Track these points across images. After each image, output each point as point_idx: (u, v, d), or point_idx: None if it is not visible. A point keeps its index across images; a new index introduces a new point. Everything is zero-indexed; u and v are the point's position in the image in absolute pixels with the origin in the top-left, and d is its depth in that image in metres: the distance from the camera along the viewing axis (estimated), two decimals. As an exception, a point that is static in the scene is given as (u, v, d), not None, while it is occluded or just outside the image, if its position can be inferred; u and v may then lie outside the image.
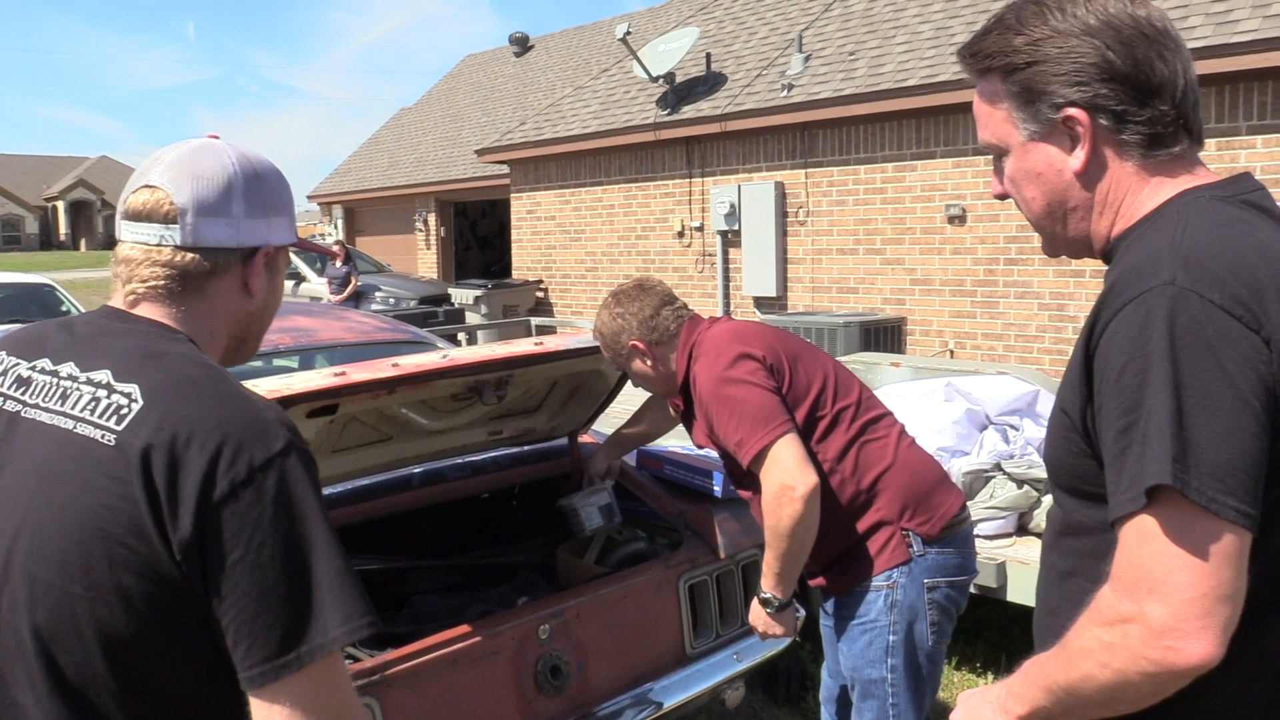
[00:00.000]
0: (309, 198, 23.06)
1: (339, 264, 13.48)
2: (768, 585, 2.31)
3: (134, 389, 1.11)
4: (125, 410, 1.10)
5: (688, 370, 2.42)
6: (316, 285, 14.71)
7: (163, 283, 1.23)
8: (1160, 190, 1.16)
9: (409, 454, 2.81)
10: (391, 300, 14.02)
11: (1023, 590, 3.49)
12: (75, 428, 1.11)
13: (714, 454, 3.37)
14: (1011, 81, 1.20)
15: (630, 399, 3.66)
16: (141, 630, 1.06)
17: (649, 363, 2.48)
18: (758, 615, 2.38)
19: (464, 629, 2.42)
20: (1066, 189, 1.20)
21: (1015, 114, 1.21)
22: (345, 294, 13.26)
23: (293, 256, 15.68)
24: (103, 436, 1.09)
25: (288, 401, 2.17)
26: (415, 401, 2.61)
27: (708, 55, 11.78)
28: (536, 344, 2.60)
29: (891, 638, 2.28)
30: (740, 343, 2.32)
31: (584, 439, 3.31)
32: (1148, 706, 1.06)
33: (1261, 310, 1.00)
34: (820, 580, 2.41)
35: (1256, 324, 1.00)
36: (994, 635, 4.11)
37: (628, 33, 11.73)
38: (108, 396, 1.12)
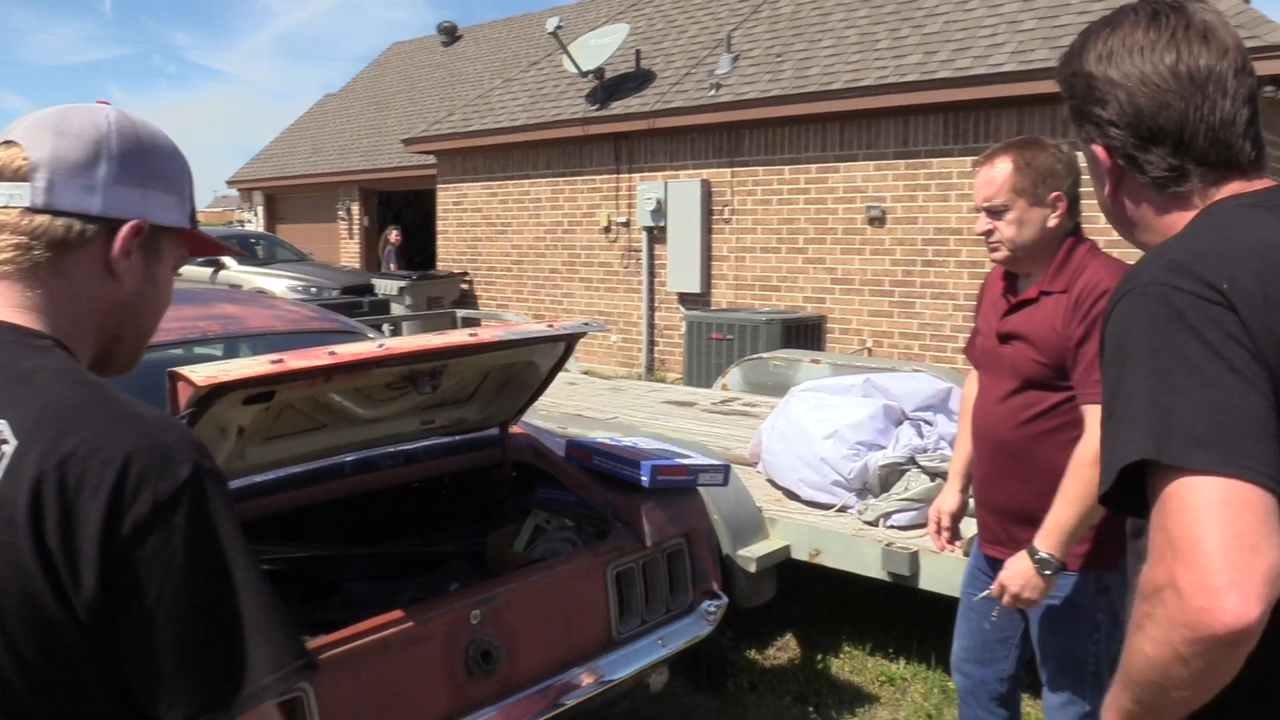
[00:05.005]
0: (229, 183, 22.58)
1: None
2: (1051, 545, 2.21)
3: (2, 426, 0.93)
4: None
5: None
6: (237, 272, 14.41)
7: (11, 254, 1.05)
8: (1182, 218, 1.24)
9: (342, 442, 2.83)
10: (313, 290, 13.81)
11: (934, 579, 3.64)
12: None
13: (642, 444, 3.45)
14: (1066, 106, 1.32)
15: (559, 392, 3.69)
16: (55, 705, 0.94)
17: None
18: (1025, 578, 2.25)
19: (397, 614, 2.46)
20: (1109, 206, 1.33)
21: (1077, 131, 1.32)
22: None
23: (240, 251, 15.27)
24: None
25: (224, 388, 2.18)
26: (350, 390, 2.63)
27: (637, 52, 11.87)
28: (471, 334, 2.64)
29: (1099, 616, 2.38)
30: None
31: (514, 429, 3.36)
32: (1214, 690, 1.02)
33: (1240, 296, 1.06)
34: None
35: (1232, 306, 1.06)
36: (906, 623, 4.27)
37: (559, 27, 11.75)
38: None
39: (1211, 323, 1.05)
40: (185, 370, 2.17)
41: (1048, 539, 2.22)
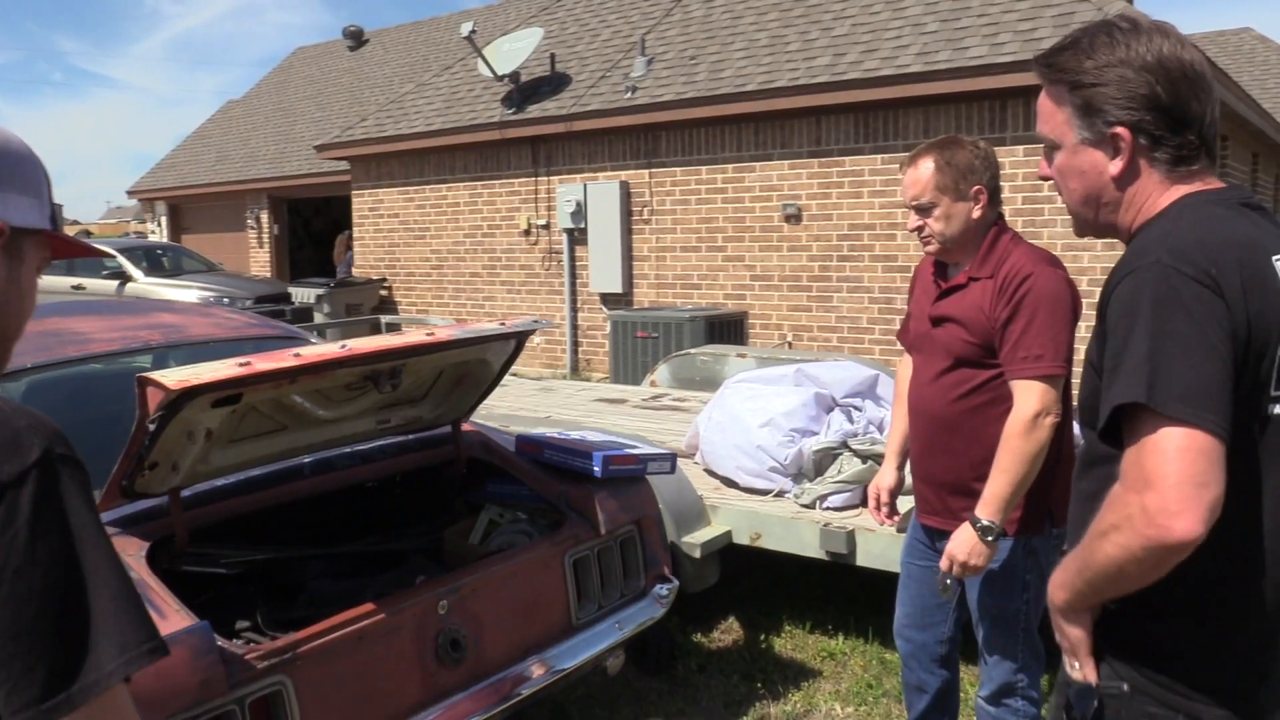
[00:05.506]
0: (129, 193, 21.93)
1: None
2: (991, 513, 2.39)
3: None
4: None
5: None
6: (145, 284, 14.06)
7: None
8: (1173, 195, 1.45)
9: (302, 444, 2.88)
10: (226, 300, 13.54)
11: (869, 555, 3.83)
12: None
13: (590, 436, 3.57)
14: (1076, 95, 1.47)
15: (491, 394, 3.77)
16: None
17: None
18: (971, 545, 2.42)
19: (368, 607, 2.53)
20: (1103, 187, 1.50)
21: (1074, 120, 1.49)
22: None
23: (115, 253, 14.91)
24: None
25: (196, 391, 2.23)
26: (312, 391, 2.69)
27: (552, 55, 11.95)
28: (429, 334, 2.72)
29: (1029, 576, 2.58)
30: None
31: (466, 427, 3.44)
32: (1150, 582, 1.33)
33: (1224, 280, 1.31)
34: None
35: (1219, 290, 1.30)
36: (842, 601, 4.46)
37: (473, 31, 11.76)
38: None
39: (1200, 302, 1.30)
40: (156, 374, 2.22)
41: (987, 507, 2.41)
